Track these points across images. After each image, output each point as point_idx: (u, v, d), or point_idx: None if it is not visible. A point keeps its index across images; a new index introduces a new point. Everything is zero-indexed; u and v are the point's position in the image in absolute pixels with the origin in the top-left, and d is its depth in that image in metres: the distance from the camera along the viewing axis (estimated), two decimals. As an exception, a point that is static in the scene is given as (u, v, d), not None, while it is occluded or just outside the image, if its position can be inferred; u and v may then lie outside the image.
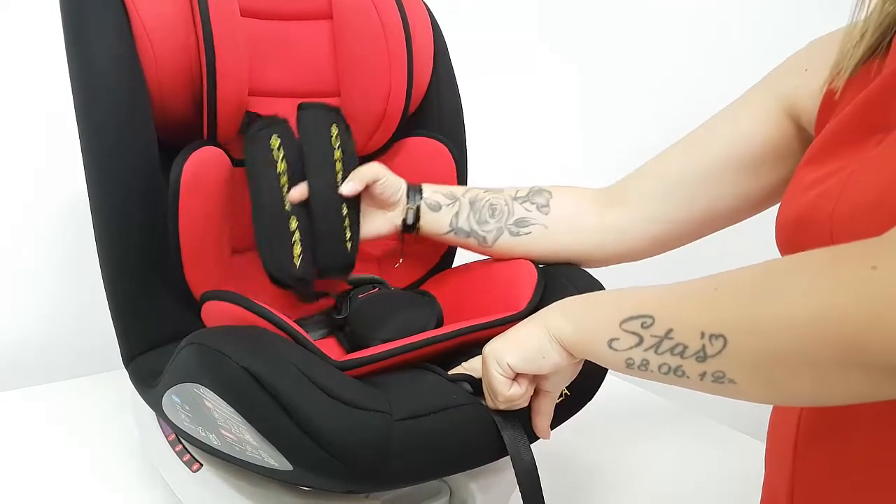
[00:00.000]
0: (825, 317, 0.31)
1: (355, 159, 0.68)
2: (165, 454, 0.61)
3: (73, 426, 0.78)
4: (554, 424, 0.54)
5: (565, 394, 0.54)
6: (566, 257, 0.65)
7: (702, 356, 0.36)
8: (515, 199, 0.66)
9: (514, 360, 0.47)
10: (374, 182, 0.66)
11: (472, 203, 0.67)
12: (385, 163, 0.69)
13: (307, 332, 0.68)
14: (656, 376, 0.39)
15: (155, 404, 0.56)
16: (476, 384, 0.52)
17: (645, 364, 0.39)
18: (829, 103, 0.48)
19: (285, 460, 0.44)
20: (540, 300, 0.59)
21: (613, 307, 0.42)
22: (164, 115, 0.61)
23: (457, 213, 0.66)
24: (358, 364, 0.50)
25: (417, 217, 0.67)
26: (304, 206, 0.65)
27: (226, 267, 0.66)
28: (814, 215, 0.41)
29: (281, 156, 0.64)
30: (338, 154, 0.67)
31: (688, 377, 0.37)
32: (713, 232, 0.62)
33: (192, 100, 0.63)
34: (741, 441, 0.88)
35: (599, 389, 0.59)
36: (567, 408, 0.56)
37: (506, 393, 0.47)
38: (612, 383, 0.61)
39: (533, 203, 0.65)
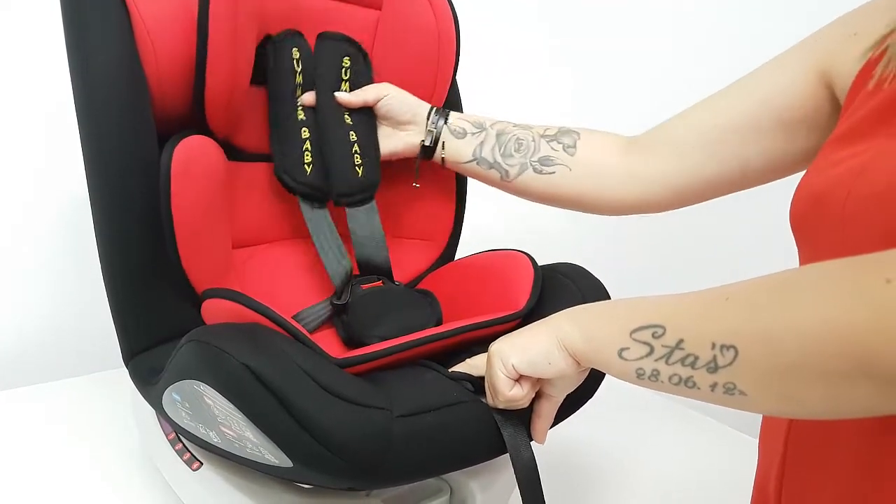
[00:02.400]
0: (837, 328, 0.30)
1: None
2: (165, 453, 0.61)
3: (73, 425, 0.78)
4: (552, 423, 0.54)
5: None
6: (587, 201, 0.65)
7: (713, 367, 0.36)
8: (543, 136, 0.65)
9: (518, 362, 0.46)
10: (377, 100, 0.67)
11: (498, 135, 0.66)
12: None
13: (308, 317, 0.69)
14: (667, 387, 0.39)
15: (155, 402, 0.56)
16: (476, 382, 0.52)
17: (655, 374, 0.39)
18: (867, 75, 0.45)
19: (285, 457, 0.44)
20: (539, 298, 0.59)
21: (624, 316, 0.41)
22: (165, 113, 0.61)
23: (482, 143, 0.66)
24: (358, 361, 0.50)
25: (436, 142, 0.67)
26: (316, 123, 0.67)
27: (227, 260, 0.66)
28: (829, 197, 0.40)
29: (299, 69, 0.68)
30: (345, 86, 0.69)
31: (699, 388, 0.37)
32: (739, 190, 0.60)
33: (193, 97, 0.63)
34: (738, 438, 0.88)
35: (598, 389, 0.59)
36: (565, 407, 0.56)
37: (507, 393, 0.47)
38: (611, 381, 0.61)
39: (560, 143, 0.65)
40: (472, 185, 0.79)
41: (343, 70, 0.70)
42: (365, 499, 0.57)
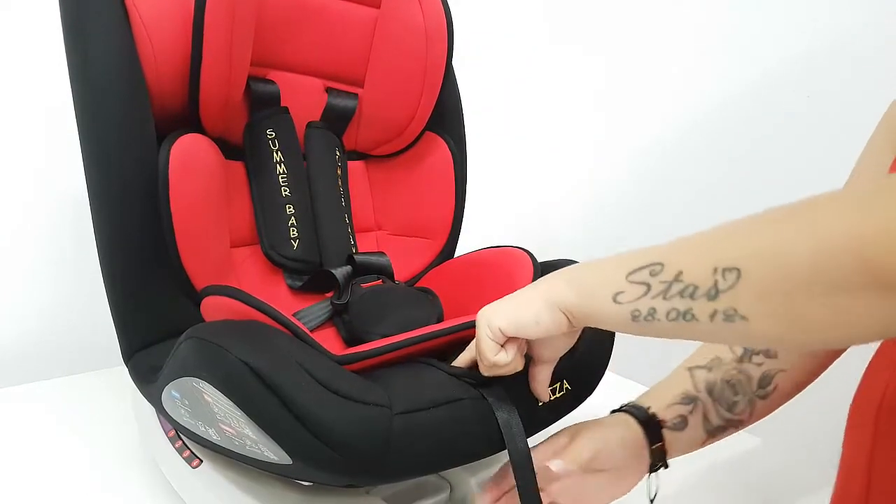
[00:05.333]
0: (845, 238, 0.30)
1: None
2: (165, 450, 0.61)
3: (72, 423, 0.78)
4: (555, 419, 0.54)
5: (567, 388, 0.54)
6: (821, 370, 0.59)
7: (713, 293, 0.35)
8: (741, 361, 0.59)
9: (504, 323, 0.45)
10: (591, 460, 0.53)
11: (710, 392, 0.58)
12: (383, 159, 0.69)
13: (308, 315, 0.69)
14: (663, 326, 0.38)
15: (154, 400, 0.56)
16: (479, 378, 0.51)
17: (652, 313, 0.38)
18: None
19: (284, 454, 0.44)
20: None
21: (619, 263, 0.40)
22: (163, 111, 0.61)
23: (704, 416, 0.58)
24: (358, 358, 0.50)
25: (665, 454, 0.57)
26: (302, 198, 0.70)
27: (225, 259, 0.67)
28: None
29: (276, 147, 0.70)
30: (339, 171, 0.74)
31: (697, 320, 0.36)
32: None
33: (189, 97, 0.63)
34: (740, 436, 0.88)
35: (599, 385, 0.59)
36: (567, 404, 0.56)
37: (491, 358, 0.46)
38: (611, 379, 0.61)
39: (757, 354, 0.59)
40: (472, 184, 0.79)
41: (336, 157, 0.74)
42: (365, 496, 0.57)
